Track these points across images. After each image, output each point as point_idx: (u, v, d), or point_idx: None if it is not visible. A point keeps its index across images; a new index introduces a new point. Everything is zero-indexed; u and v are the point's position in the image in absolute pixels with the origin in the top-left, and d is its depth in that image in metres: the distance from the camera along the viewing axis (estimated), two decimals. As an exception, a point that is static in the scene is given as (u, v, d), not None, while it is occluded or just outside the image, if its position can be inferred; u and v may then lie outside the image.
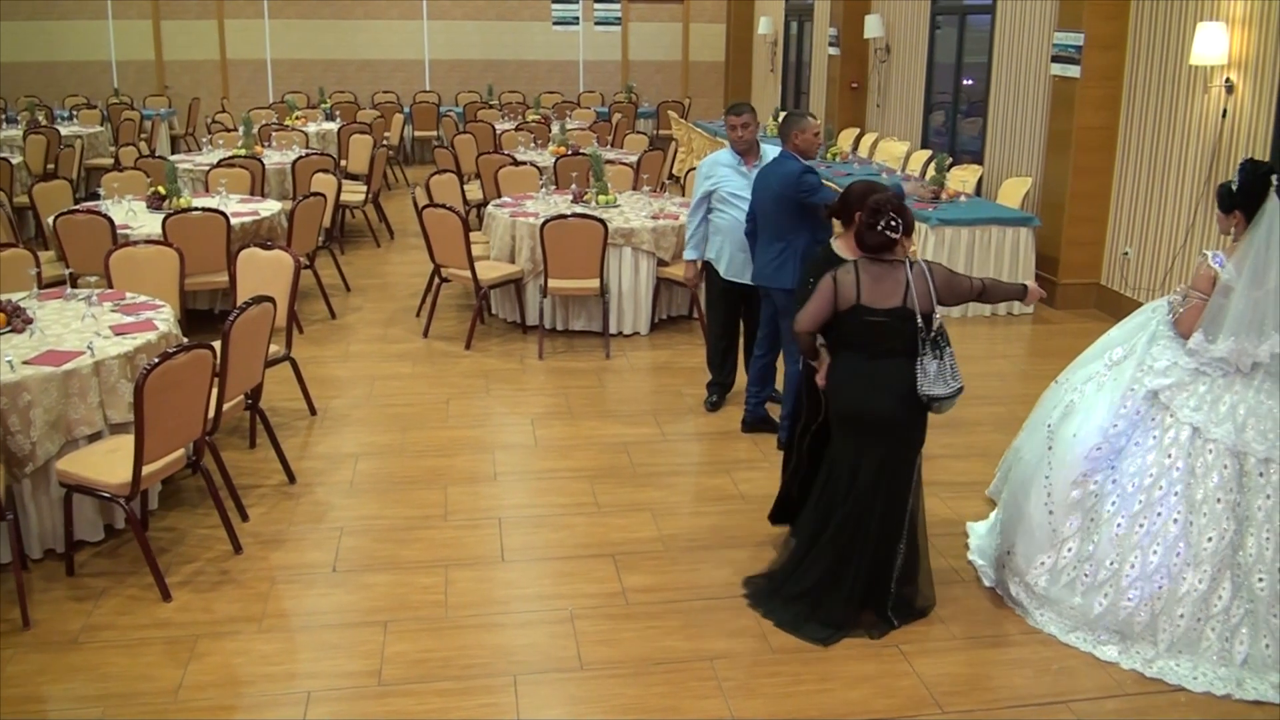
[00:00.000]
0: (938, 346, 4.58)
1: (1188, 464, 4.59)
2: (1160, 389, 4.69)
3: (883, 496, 4.70)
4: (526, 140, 14.50)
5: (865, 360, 4.65)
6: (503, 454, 6.72)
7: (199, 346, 5.03)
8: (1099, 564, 4.69)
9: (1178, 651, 4.55)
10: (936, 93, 13.90)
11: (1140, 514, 4.64)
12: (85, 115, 16.85)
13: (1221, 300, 4.58)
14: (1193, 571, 4.53)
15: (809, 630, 4.76)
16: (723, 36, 21.83)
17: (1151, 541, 4.60)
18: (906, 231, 4.62)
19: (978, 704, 4.36)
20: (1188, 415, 4.61)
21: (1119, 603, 4.63)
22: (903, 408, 4.63)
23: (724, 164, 7.07)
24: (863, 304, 4.59)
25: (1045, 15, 10.75)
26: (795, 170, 6.26)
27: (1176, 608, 4.54)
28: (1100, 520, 4.72)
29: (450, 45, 21.04)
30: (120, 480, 4.91)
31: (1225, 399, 4.59)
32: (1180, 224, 9.02)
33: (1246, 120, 8.26)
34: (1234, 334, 4.53)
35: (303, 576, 5.24)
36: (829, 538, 4.79)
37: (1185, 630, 4.54)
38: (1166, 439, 4.65)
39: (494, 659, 4.60)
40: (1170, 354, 4.74)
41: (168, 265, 7.31)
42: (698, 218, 7.16)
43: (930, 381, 4.54)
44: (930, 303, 4.60)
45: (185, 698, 4.31)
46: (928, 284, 4.59)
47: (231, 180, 10.64)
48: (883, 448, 4.68)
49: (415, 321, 9.40)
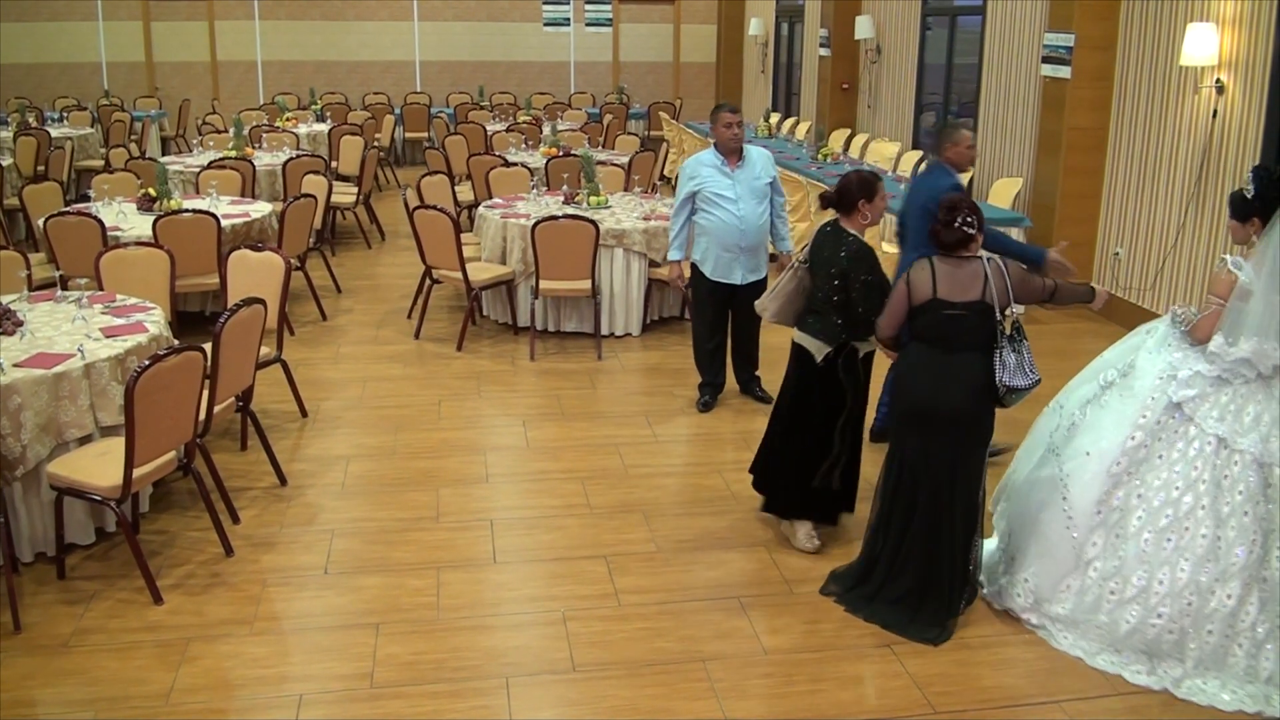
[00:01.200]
0: (1015, 340, 4.66)
1: (1214, 476, 4.49)
2: (1185, 400, 4.58)
3: (961, 493, 4.78)
4: (518, 141, 14.49)
5: (941, 354, 4.73)
6: (494, 455, 6.71)
7: (190, 349, 5.02)
8: (1125, 580, 4.57)
9: (1205, 669, 4.44)
10: (927, 93, 13.92)
11: (1168, 529, 4.52)
12: (75, 117, 16.80)
13: (1241, 303, 4.53)
14: (1221, 587, 4.42)
15: (916, 630, 4.80)
16: (714, 38, 21.85)
17: (1179, 557, 4.48)
18: (979, 229, 4.74)
19: (970, 704, 4.36)
20: (1212, 426, 4.52)
21: (1148, 620, 4.51)
22: (973, 401, 4.71)
23: (707, 164, 7.09)
24: (940, 298, 4.68)
25: (1036, 16, 10.77)
26: (946, 185, 6.06)
27: (1205, 624, 4.43)
28: (1126, 535, 4.60)
29: (441, 46, 21.02)
30: (111, 483, 4.89)
31: (1249, 409, 4.51)
32: (1171, 224, 9.04)
33: (1237, 121, 8.28)
34: (1255, 335, 4.47)
35: (294, 579, 5.23)
36: (914, 537, 4.85)
37: (1214, 648, 4.43)
38: (1191, 450, 4.55)
39: (486, 661, 4.59)
40: (1191, 363, 4.64)
41: (158, 267, 7.29)
42: (681, 219, 7.18)
43: (1010, 373, 4.63)
44: (1007, 297, 4.68)
45: (176, 701, 4.30)
46: (1005, 279, 4.68)
47: (222, 182, 10.62)
48: (952, 442, 4.75)
49: (406, 323, 9.39)
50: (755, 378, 7.62)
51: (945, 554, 4.80)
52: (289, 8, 20.34)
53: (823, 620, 4.92)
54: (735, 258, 7.05)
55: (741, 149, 7.06)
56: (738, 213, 6.99)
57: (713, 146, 7.16)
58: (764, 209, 7.11)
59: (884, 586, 4.96)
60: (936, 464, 4.76)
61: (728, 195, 6.99)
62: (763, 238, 7.15)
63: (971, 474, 4.80)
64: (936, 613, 4.83)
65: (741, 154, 7.07)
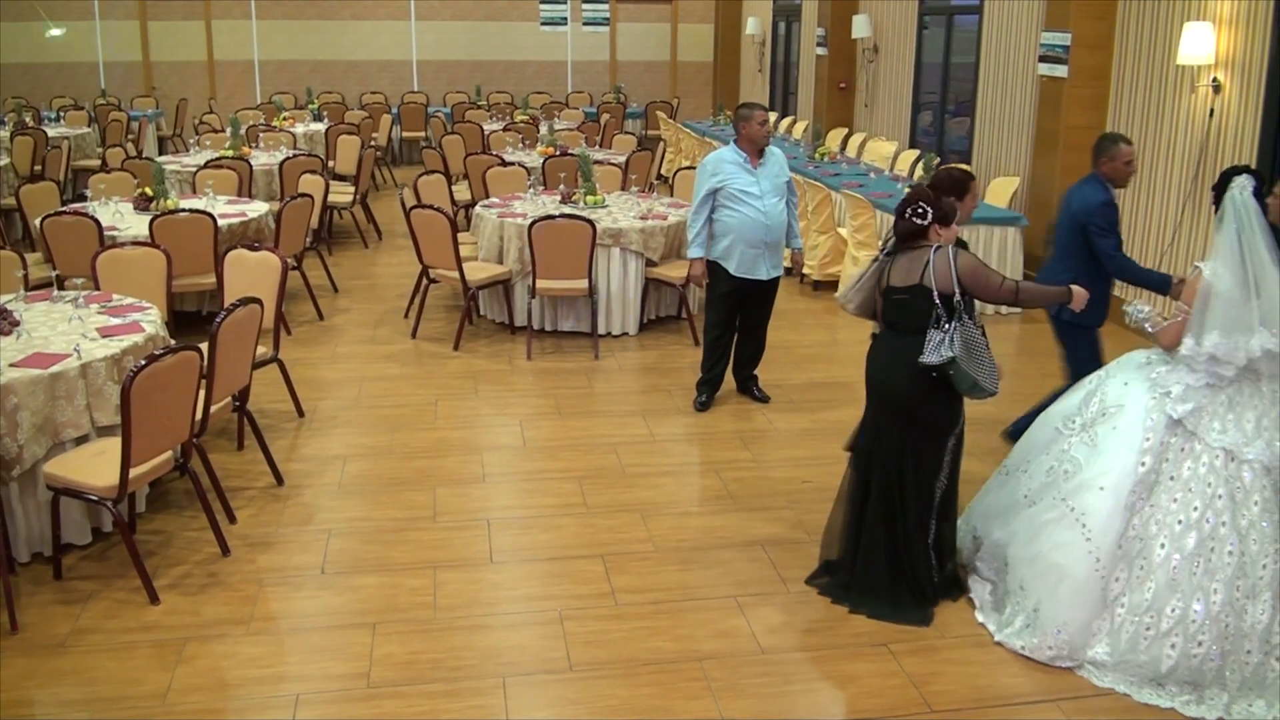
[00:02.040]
0: (946, 320, 4.68)
1: (1228, 490, 4.39)
2: (1185, 416, 4.51)
3: (911, 482, 4.88)
4: (515, 141, 14.49)
5: (893, 336, 4.91)
6: (491, 455, 6.71)
7: (186, 348, 5.01)
8: (1159, 613, 4.40)
9: (1248, 690, 4.32)
10: (924, 92, 13.93)
11: (1195, 552, 4.37)
12: (72, 116, 16.79)
13: (1202, 302, 4.52)
14: (1253, 604, 4.32)
15: (901, 616, 4.90)
16: (711, 37, 21.84)
17: (1211, 579, 4.34)
18: (940, 221, 4.84)
19: (966, 702, 4.37)
20: (1217, 439, 4.44)
21: (1190, 651, 4.33)
22: (915, 383, 4.78)
23: (729, 161, 7.11)
24: (891, 284, 4.89)
25: (1033, 15, 10.78)
26: (1096, 202, 5.98)
27: (1244, 644, 4.31)
28: (1151, 565, 4.44)
29: (438, 46, 21.01)
30: (107, 483, 4.89)
31: (1249, 415, 4.46)
32: (1168, 223, 9.04)
33: (1233, 120, 8.28)
34: (1218, 329, 4.44)
35: (291, 579, 5.23)
36: (871, 525, 4.96)
37: (1255, 667, 4.32)
38: (1201, 468, 4.45)
39: (483, 660, 4.59)
40: (1178, 376, 4.58)
41: (155, 267, 7.29)
42: (702, 216, 7.16)
43: (929, 351, 4.68)
44: (949, 282, 4.70)
45: (173, 701, 4.30)
46: (949, 265, 4.73)
47: (219, 181, 10.61)
48: (901, 428, 4.87)
49: (403, 323, 9.39)
50: (754, 377, 7.64)
51: (901, 541, 4.92)
52: (286, 7, 20.32)
53: (819, 620, 4.92)
54: (760, 254, 7.09)
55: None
56: (763, 208, 7.02)
57: (733, 144, 7.15)
58: (784, 206, 7.19)
59: (855, 574, 5.03)
60: (886, 449, 4.90)
61: (752, 192, 7.02)
62: (784, 234, 7.24)
63: (924, 465, 4.88)
64: (914, 599, 4.93)
65: (763, 152, 7.12)
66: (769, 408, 7.44)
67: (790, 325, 9.49)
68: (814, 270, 10.55)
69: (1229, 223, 4.52)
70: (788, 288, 10.70)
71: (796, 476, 6.38)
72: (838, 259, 10.41)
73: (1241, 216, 4.50)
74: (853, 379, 8.03)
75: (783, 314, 9.80)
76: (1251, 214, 4.50)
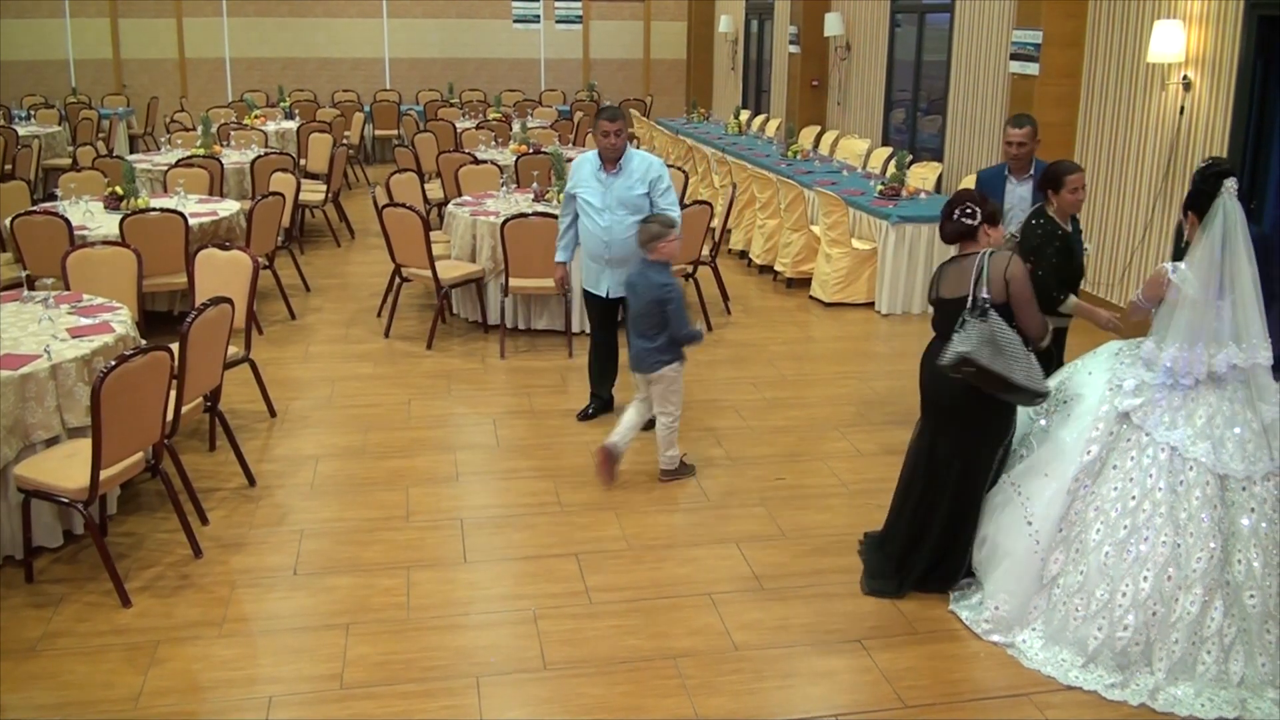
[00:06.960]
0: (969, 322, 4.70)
1: (1169, 484, 4.47)
2: (1132, 410, 4.60)
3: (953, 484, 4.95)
4: (487, 139, 14.45)
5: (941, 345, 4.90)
6: (465, 454, 6.70)
7: (157, 349, 4.99)
8: (1089, 595, 4.52)
9: (1175, 677, 4.39)
10: (897, 90, 13.98)
11: (1127, 540, 4.49)
12: (43, 115, 16.68)
13: (1170, 306, 4.57)
14: (1184, 594, 4.38)
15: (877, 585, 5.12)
16: (684, 34, 21.87)
17: (1141, 567, 4.44)
18: (989, 220, 4.91)
19: (940, 698, 4.39)
20: (1163, 435, 4.52)
21: (1115, 633, 4.45)
22: (961, 393, 4.80)
23: (587, 166, 6.84)
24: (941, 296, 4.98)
25: (1004, 13, 10.83)
26: None
27: (1171, 633, 4.39)
28: (1086, 549, 4.57)
29: (410, 43, 20.95)
30: (78, 485, 4.86)
31: (1199, 412, 4.52)
32: (1139, 220, 9.11)
33: (1204, 117, 8.34)
34: (1179, 341, 4.50)
35: (263, 580, 5.21)
36: (910, 509, 5.10)
37: (1181, 655, 4.39)
38: (1145, 459, 4.54)
39: (457, 660, 4.59)
40: (1134, 372, 4.67)
41: (125, 266, 7.24)
42: (565, 219, 7.05)
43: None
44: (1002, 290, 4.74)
45: (146, 704, 4.27)
46: (1003, 270, 4.76)
47: (190, 180, 10.56)
48: (952, 432, 4.93)
49: (376, 322, 9.36)
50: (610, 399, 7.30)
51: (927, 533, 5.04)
52: (257, 5, 20.22)
53: (793, 616, 4.93)
54: (601, 269, 6.85)
55: (620, 157, 6.73)
56: (602, 223, 6.75)
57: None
58: (635, 221, 6.47)
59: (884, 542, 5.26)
60: (937, 449, 4.98)
61: (594, 203, 6.76)
62: (633, 251, 6.37)
63: (972, 473, 4.93)
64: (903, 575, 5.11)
65: (619, 162, 6.74)
66: (741, 406, 7.44)
67: (764, 323, 9.51)
68: (787, 268, 10.57)
69: (1215, 226, 4.51)
70: (761, 285, 10.75)
71: (769, 474, 6.39)
72: (811, 257, 10.43)
73: (1229, 223, 4.50)
74: (826, 376, 8.10)
75: (756, 311, 9.85)
76: (1238, 223, 4.50)
